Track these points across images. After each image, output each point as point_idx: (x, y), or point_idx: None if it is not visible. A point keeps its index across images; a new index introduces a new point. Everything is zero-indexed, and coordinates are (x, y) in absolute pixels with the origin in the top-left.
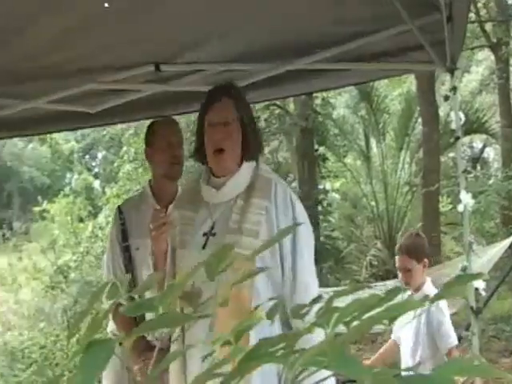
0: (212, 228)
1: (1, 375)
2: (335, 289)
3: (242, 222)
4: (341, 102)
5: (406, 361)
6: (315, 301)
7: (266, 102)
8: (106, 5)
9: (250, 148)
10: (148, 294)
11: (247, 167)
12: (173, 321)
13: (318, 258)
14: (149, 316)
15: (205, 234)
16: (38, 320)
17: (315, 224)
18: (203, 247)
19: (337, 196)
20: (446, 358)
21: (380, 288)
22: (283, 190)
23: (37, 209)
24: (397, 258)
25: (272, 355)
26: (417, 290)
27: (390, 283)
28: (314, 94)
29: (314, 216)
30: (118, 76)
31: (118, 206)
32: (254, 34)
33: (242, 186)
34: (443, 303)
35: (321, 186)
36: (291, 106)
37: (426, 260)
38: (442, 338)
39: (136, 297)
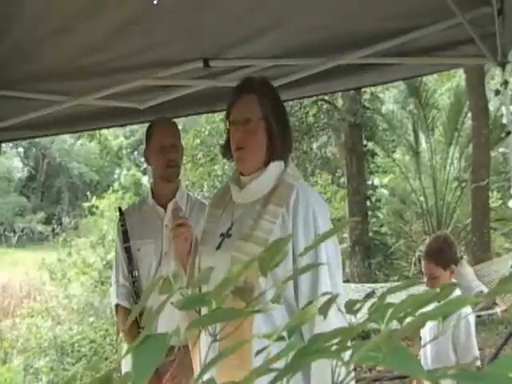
0: (229, 229)
1: (51, 369)
2: (384, 285)
3: (254, 228)
4: (389, 97)
5: (425, 360)
6: (368, 296)
7: (315, 98)
8: (155, 1)
9: (277, 147)
10: (153, 296)
11: (274, 169)
12: (227, 315)
13: (367, 254)
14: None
15: (222, 235)
16: (88, 314)
17: (363, 220)
18: (217, 248)
19: (385, 191)
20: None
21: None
22: (306, 199)
23: (86, 204)
24: (423, 263)
25: (326, 350)
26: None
27: None
28: (363, 89)
29: (363, 212)
30: (168, 72)
31: (119, 208)
32: (304, 28)
33: (265, 188)
34: (472, 318)
35: (369, 182)
36: (339, 101)
37: (453, 266)
38: (462, 350)
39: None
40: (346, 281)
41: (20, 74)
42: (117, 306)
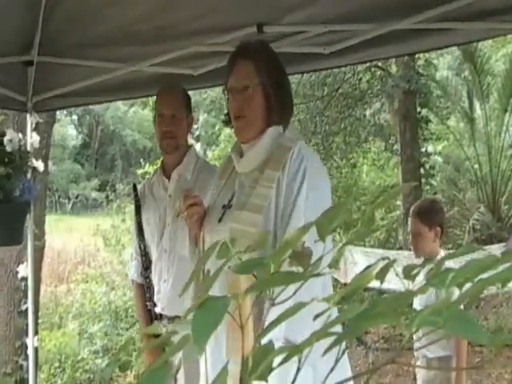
0: (230, 200)
1: (105, 334)
2: None
3: (251, 195)
4: (444, 63)
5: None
6: (426, 262)
7: (368, 64)
8: None
9: (275, 113)
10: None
11: (271, 134)
12: (285, 279)
13: None
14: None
15: (223, 206)
16: None
17: (417, 187)
18: (219, 220)
19: (439, 159)
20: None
21: (484, 253)
22: (300, 157)
23: (139, 171)
24: (410, 220)
25: (384, 315)
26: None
27: (494, 247)
28: (417, 55)
29: (416, 179)
30: (221, 38)
31: (134, 184)
32: None
33: (263, 154)
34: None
35: (423, 149)
36: (393, 68)
37: (438, 229)
38: None
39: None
40: (399, 248)
41: (74, 41)
42: (132, 281)
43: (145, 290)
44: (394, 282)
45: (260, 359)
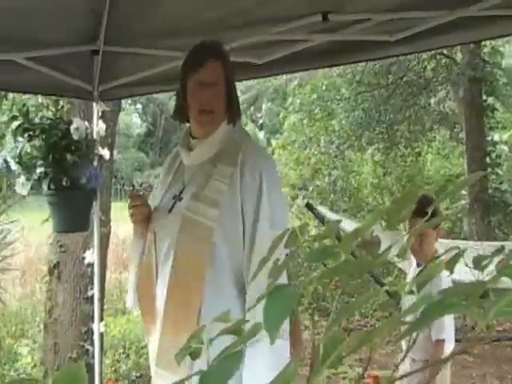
0: (181, 192)
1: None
2: (504, 243)
3: (204, 188)
4: (510, 51)
5: None
6: (497, 252)
7: (433, 52)
8: None
9: (234, 111)
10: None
11: (223, 130)
12: (357, 266)
13: (486, 212)
14: None
15: (174, 197)
16: None
17: (483, 176)
18: (169, 211)
19: (505, 148)
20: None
21: None
22: (253, 160)
23: None
24: (411, 220)
25: (457, 305)
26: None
27: None
28: (483, 43)
29: (482, 168)
30: (286, 26)
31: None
32: None
33: (214, 149)
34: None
35: (489, 138)
36: (459, 55)
37: (438, 228)
38: (435, 327)
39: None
40: (464, 238)
41: (140, 30)
42: None
43: None
44: (459, 273)
45: (332, 347)
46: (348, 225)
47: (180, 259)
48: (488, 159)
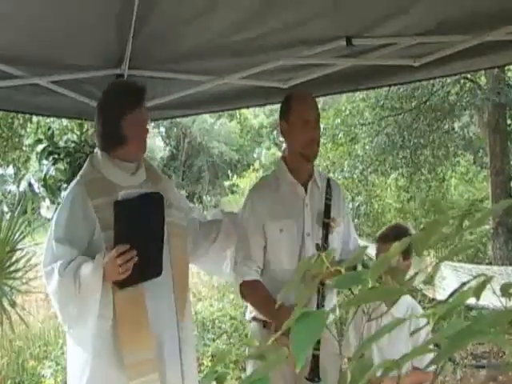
0: None
1: None
2: None
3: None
4: None
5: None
6: None
7: (457, 76)
8: None
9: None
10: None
11: None
12: (384, 293)
13: (511, 236)
14: None
15: None
16: (228, 291)
17: (507, 198)
18: None
19: None
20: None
21: None
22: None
23: (227, 183)
24: (379, 245)
25: (486, 332)
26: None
27: None
28: (507, 67)
29: (506, 192)
30: (310, 51)
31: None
32: (448, 5)
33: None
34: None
35: None
36: (482, 79)
37: (411, 260)
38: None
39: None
40: (489, 263)
41: (163, 55)
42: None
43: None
44: (484, 298)
45: (359, 374)
46: (371, 249)
47: None
48: None
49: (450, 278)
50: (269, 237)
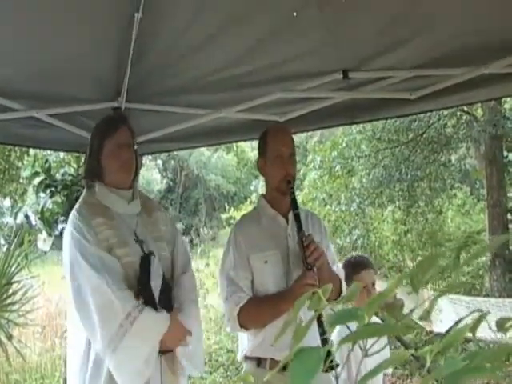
0: (137, 235)
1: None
2: None
3: (160, 231)
4: None
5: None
6: None
7: (454, 108)
8: (295, 14)
9: (137, 169)
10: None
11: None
12: (379, 331)
13: (508, 268)
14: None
15: (136, 241)
16: (225, 324)
17: (504, 232)
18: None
19: None
20: None
21: None
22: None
23: (224, 216)
24: (366, 272)
25: (483, 369)
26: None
27: None
28: (503, 99)
29: (503, 224)
30: (307, 84)
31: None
32: (444, 39)
33: (139, 201)
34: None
35: (510, 194)
36: (479, 112)
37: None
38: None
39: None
40: (486, 295)
41: (162, 88)
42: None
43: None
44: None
45: None
46: None
47: None
48: (509, 215)
49: (447, 311)
50: (254, 269)
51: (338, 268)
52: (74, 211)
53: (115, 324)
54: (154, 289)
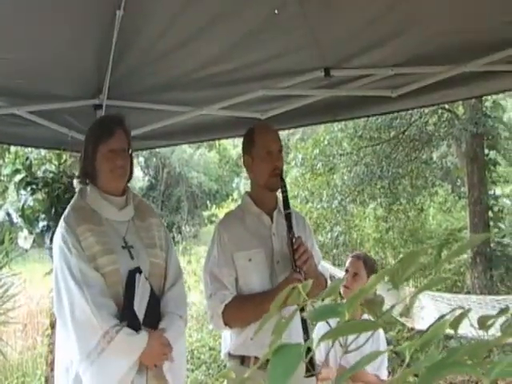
0: (125, 241)
1: None
2: (506, 297)
3: (154, 237)
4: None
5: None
6: (501, 313)
7: (435, 106)
8: (276, 11)
9: (132, 173)
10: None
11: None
12: (359, 327)
13: (489, 266)
14: None
15: (124, 247)
16: (207, 322)
17: (485, 230)
18: (132, 258)
19: (507, 201)
20: None
21: None
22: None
23: (206, 213)
24: (351, 260)
25: (462, 365)
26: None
27: None
28: (484, 97)
29: (484, 222)
30: (288, 82)
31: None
32: (425, 37)
33: (133, 206)
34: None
35: (491, 192)
36: (460, 109)
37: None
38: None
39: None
40: (467, 292)
41: (142, 85)
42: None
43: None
44: (462, 328)
45: None
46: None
47: None
48: (490, 213)
49: (428, 308)
50: (238, 267)
51: (323, 267)
52: (62, 219)
53: (93, 341)
54: (138, 310)
